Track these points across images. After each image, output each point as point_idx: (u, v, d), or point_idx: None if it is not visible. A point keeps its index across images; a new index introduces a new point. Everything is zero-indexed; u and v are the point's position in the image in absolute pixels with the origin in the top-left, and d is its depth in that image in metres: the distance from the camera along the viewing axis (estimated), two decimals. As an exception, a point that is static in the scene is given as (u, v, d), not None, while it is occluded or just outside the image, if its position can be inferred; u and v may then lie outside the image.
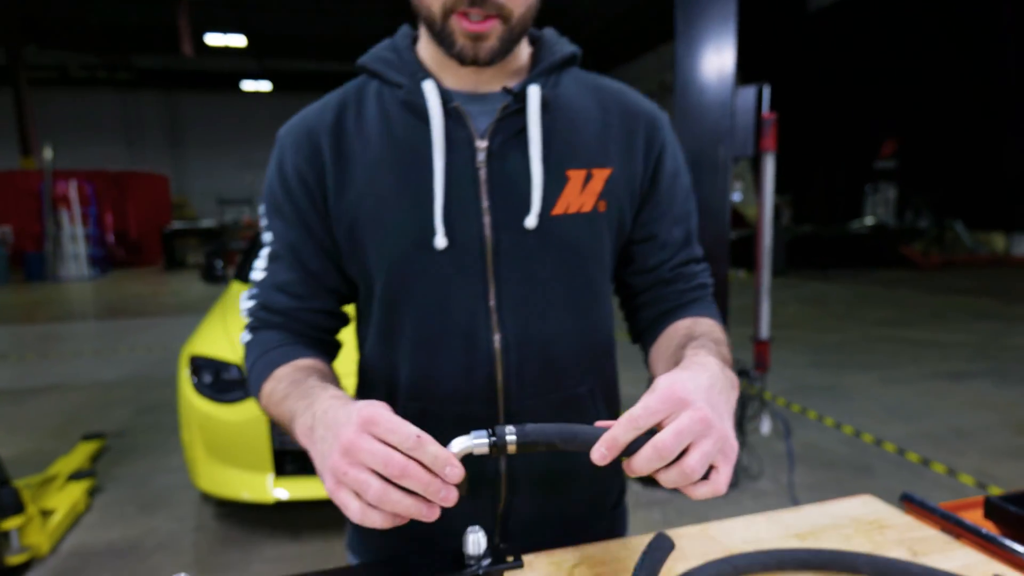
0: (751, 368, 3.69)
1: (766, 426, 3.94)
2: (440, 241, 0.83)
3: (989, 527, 0.93)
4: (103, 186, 17.28)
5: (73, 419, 4.89)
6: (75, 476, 3.55)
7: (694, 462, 0.58)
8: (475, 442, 0.61)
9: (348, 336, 1.01)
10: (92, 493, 3.59)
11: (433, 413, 0.88)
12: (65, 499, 3.29)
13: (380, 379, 0.93)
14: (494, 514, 0.93)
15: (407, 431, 0.59)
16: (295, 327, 0.91)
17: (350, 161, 0.86)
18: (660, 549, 0.70)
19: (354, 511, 0.60)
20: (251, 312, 0.93)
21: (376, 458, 0.58)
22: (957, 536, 0.88)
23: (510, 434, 0.61)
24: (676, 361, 0.77)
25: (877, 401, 5.17)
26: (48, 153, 14.99)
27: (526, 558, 0.80)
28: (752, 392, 3.78)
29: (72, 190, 15.41)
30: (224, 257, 5.56)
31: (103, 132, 22.46)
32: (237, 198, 23.96)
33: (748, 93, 3.31)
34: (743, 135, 3.32)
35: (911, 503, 0.98)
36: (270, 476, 2.94)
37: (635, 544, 0.86)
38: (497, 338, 0.86)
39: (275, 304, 0.91)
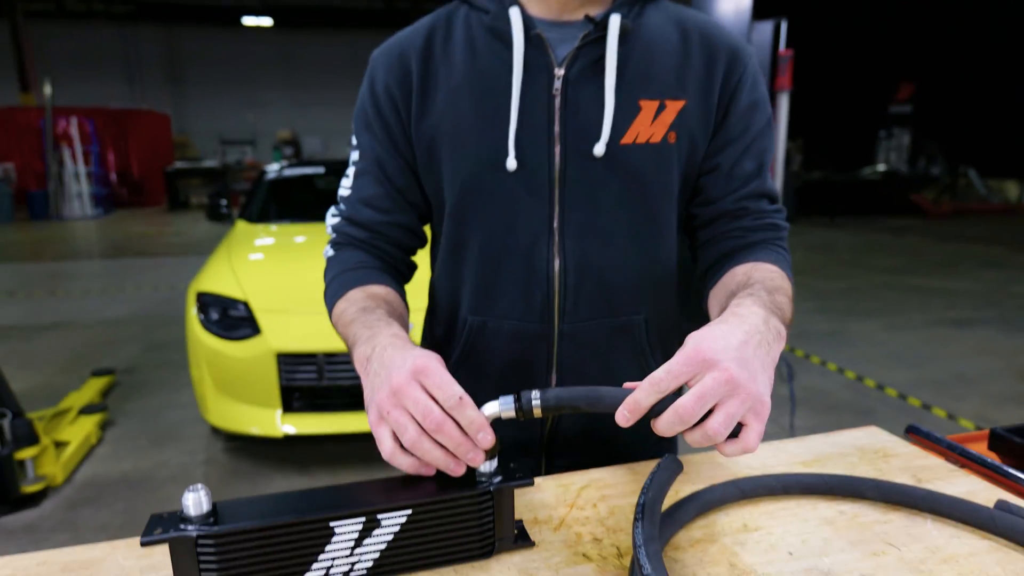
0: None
1: (769, 369, 3.95)
2: (511, 163, 0.85)
3: (993, 459, 0.94)
4: (104, 124, 17.05)
5: (82, 355, 4.95)
6: (87, 410, 3.62)
7: (717, 424, 0.58)
8: (503, 407, 0.65)
9: (422, 263, 1.06)
10: (104, 426, 3.66)
11: (492, 328, 0.93)
12: (78, 431, 3.36)
13: (447, 293, 0.98)
14: (542, 433, 0.97)
15: (452, 391, 0.62)
16: (377, 244, 0.95)
17: (435, 84, 0.89)
18: (668, 470, 0.71)
19: (387, 448, 0.64)
20: (336, 228, 0.98)
21: (418, 407, 0.62)
22: (961, 465, 0.89)
23: (535, 399, 0.64)
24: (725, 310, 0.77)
25: (881, 347, 5.19)
26: (48, 89, 14.74)
27: (537, 480, 0.81)
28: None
29: (73, 127, 15.19)
30: (228, 197, 5.60)
31: (102, 69, 22.00)
32: (239, 139, 23.63)
33: (765, 28, 3.20)
34: (757, 72, 3.23)
35: (916, 434, 0.98)
36: (278, 412, 2.99)
37: (642, 469, 0.87)
38: (557, 260, 0.89)
39: (361, 218, 0.95)
